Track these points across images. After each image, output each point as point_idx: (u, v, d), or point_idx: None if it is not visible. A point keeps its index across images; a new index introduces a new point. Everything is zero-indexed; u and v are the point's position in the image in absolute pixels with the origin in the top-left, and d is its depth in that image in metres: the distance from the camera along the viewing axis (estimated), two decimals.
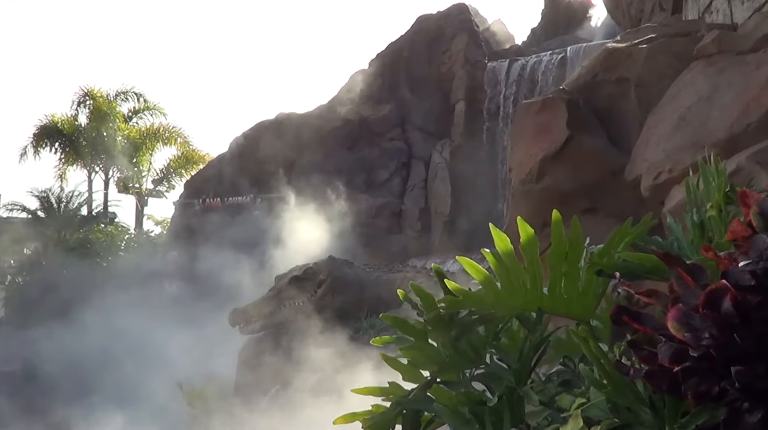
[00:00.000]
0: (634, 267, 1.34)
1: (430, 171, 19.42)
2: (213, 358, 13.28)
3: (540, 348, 1.41)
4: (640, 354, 1.09)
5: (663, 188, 5.84)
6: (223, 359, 12.70)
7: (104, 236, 25.07)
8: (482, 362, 1.43)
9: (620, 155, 7.05)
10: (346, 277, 11.57)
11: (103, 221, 27.54)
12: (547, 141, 7.30)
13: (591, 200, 7.00)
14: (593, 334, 1.28)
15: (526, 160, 7.44)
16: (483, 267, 1.36)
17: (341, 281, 11.45)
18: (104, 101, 28.65)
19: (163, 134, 29.26)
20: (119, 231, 26.49)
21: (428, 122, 20.27)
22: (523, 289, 1.35)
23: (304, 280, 11.51)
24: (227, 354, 12.56)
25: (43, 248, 23.51)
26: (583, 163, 7.08)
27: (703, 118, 5.72)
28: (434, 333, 1.41)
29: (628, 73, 7.13)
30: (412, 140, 20.18)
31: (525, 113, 8.00)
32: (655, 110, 6.61)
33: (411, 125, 20.44)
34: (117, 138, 28.30)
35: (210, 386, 11.37)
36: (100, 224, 26.71)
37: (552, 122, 7.33)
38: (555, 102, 7.45)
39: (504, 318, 1.43)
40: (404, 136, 20.37)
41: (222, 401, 10.84)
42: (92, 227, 26.14)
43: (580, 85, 7.62)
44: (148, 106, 29.67)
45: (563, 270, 1.35)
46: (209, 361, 13.26)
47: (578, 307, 1.36)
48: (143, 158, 29.23)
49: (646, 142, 6.41)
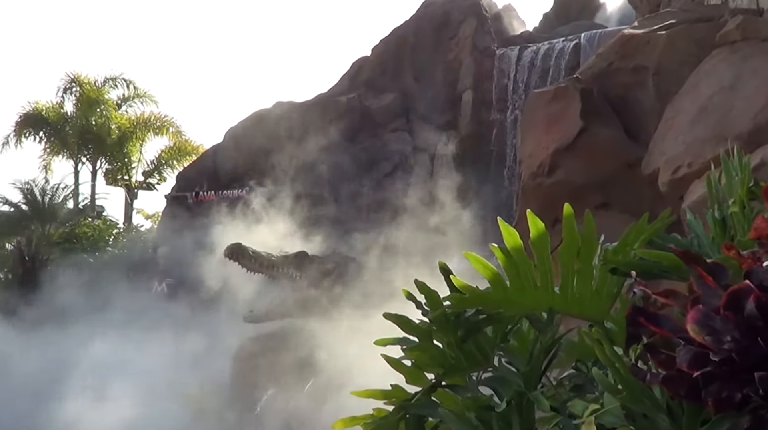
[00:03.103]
0: (651, 266, 1.34)
1: (435, 163, 19.41)
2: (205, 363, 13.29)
3: (551, 350, 1.40)
4: (657, 358, 1.09)
5: (682, 183, 5.83)
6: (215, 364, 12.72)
7: (91, 230, 25.10)
8: (490, 364, 1.43)
9: (636, 148, 7.04)
10: (351, 272, 11.73)
11: (90, 214, 27.58)
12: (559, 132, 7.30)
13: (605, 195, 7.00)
14: (607, 336, 1.28)
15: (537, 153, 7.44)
16: (491, 264, 1.35)
17: (347, 275, 11.62)
18: (92, 88, 28.65)
19: (154, 123, 29.26)
20: (107, 225, 26.53)
21: (434, 112, 20.24)
22: (534, 287, 1.35)
23: (310, 262, 11.72)
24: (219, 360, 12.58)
25: (26, 243, 23.54)
26: (597, 155, 7.08)
27: (726, 109, 5.71)
28: (439, 333, 1.41)
29: (646, 61, 7.12)
30: (417, 131, 20.16)
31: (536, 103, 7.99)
32: (674, 100, 6.59)
33: (415, 115, 20.42)
34: (105, 127, 28.30)
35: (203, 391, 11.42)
36: (87, 218, 26.75)
37: (565, 113, 7.33)
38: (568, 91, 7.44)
39: (513, 318, 1.42)
40: (408, 127, 20.35)
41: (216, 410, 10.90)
42: (79, 221, 26.18)
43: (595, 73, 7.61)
44: (138, 93, 29.68)
45: (576, 268, 1.34)
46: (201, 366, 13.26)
47: (591, 307, 1.36)
48: (133, 149, 29.25)
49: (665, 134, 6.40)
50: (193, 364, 13.54)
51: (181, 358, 14.01)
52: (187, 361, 13.77)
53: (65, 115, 28.75)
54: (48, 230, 25.36)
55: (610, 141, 7.14)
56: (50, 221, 25.99)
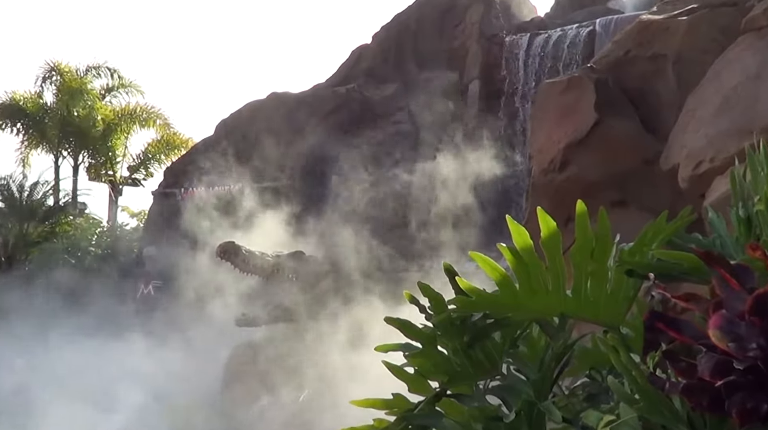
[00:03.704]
0: (671, 267, 1.34)
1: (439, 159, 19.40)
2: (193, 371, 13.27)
3: (563, 358, 1.40)
4: (677, 366, 1.09)
5: (704, 179, 5.83)
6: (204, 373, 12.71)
7: (73, 229, 25.13)
8: (498, 372, 1.43)
9: (655, 142, 7.04)
10: (351, 273, 11.74)
11: (71, 212, 27.60)
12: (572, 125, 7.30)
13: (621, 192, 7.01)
14: (623, 342, 1.28)
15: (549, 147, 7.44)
16: (500, 265, 1.35)
17: (345, 276, 11.63)
18: (73, 77, 28.66)
19: (140, 115, 29.27)
20: (90, 224, 26.55)
21: (438, 104, 20.24)
22: (545, 290, 1.35)
23: (306, 262, 11.73)
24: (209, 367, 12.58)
25: (2, 243, 23.58)
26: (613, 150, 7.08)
27: (751, 100, 5.71)
28: (444, 339, 1.41)
29: (666, 49, 7.12)
30: (421, 124, 20.16)
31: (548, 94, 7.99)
32: (696, 91, 6.59)
33: (419, 107, 20.42)
34: (88, 119, 28.31)
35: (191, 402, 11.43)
36: (69, 216, 26.78)
37: (578, 104, 7.33)
38: (582, 81, 7.44)
39: (523, 323, 1.42)
40: (411, 119, 20.34)
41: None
42: (59, 218, 26.21)
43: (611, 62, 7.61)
44: (123, 83, 29.68)
45: (589, 270, 1.34)
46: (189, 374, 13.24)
47: (606, 311, 1.36)
48: (118, 142, 29.26)
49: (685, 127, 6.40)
50: (181, 372, 13.53)
51: (167, 366, 14.01)
52: (175, 369, 13.76)
53: (44, 106, 28.76)
54: (26, 229, 25.38)
55: (627, 134, 7.15)
56: (28, 219, 25.99)
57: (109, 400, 12.78)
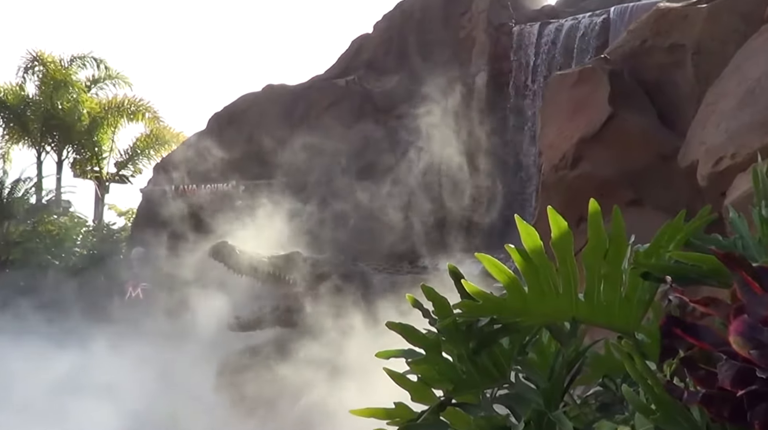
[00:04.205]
0: (689, 270, 1.34)
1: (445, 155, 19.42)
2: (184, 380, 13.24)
3: (575, 365, 1.40)
4: (695, 374, 1.09)
5: (724, 176, 5.83)
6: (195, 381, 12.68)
7: (57, 228, 25.15)
8: (506, 380, 1.43)
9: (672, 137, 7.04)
10: (352, 275, 11.73)
11: (55, 210, 27.63)
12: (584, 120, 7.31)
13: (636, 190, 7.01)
14: (639, 349, 1.28)
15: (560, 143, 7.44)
16: (508, 267, 1.35)
17: (347, 279, 11.62)
18: (57, 68, 28.69)
19: (128, 108, 29.30)
20: (75, 223, 26.58)
21: (443, 97, 20.24)
22: (555, 294, 1.35)
23: (304, 263, 11.73)
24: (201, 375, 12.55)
25: None
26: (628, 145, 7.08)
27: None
28: (449, 345, 1.41)
29: (684, 39, 7.11)
30: (424, 118, 20.16)
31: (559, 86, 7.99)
32: (717, 83, 6.59)
33: (423, 100, 20.42)
34: (73, 112, 28.33)
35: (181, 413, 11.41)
36: (52, 215, 26.79)
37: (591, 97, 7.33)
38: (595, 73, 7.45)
39: (532, 328, 1.42)
40: (414, 113, 20.35)
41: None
42: (42, 217, 26.22)
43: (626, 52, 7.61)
44: (110, 74, 29.71)
45: (603, 272, 1.34)
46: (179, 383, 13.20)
47: (620, 316, 1.36)
48: (104, 136, 29.29)
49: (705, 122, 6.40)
50: (171, 381, 13.53)
51: (156, 374, 14.01)
52: (164, 377, 13.76)
53: (26, 98, 28.80)
54: (7, 228, 25.42)
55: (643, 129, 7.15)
56: (9, 218, 26.03)
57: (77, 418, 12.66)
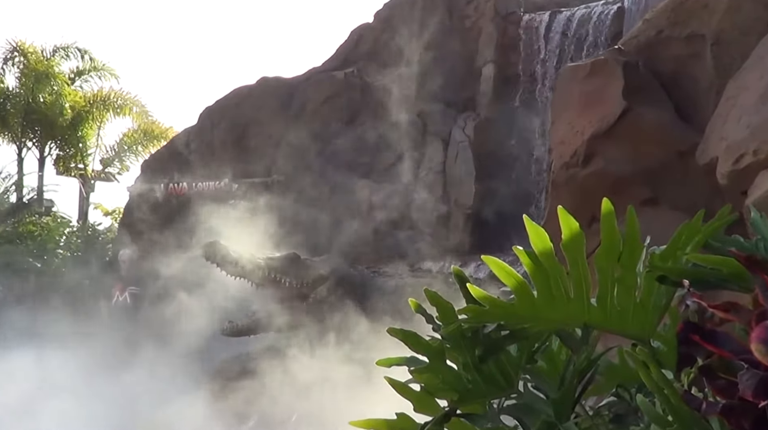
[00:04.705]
0: (708, 273, 1.34)
1: (449, 152, 19.39)
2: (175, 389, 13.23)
3: (586, 374, 1.40)
4: (714, 384, 1.09)
5: (746, 174, 5.82)
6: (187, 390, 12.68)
7: (38, 229, 25.16)
8: (514, 390, 1.43)
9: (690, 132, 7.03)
10: (351, 279, 11.73)
11: (37, 210, 27.63)
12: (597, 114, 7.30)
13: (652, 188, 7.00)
14: (654, 357, 1.28)
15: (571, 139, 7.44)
16: (516, 271, 1.35)
17: (346, 283, 11.63)
18: (39, 59, 28.70)
19: (114, 102, 29.29)
20: (58, 223, 26.60)
21: (448, 90, 20.22)
22: (566, 298, 1.35)
23: (301, 266, 11.73)
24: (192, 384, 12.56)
25: None
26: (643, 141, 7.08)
27: None
28: (454, 352, 1.41)
29: (703, 28, 7.10)
30: (427, 113, 20.15)
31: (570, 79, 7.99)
32: (738, 75, 6.58)
33: (426, 94, 20.41)
34: (55, 105, 28.33)
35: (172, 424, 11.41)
36: (34, 214, 26.80)
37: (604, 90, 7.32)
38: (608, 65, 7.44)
39: (541, 335, 1.42)
40: (417, 108, 20.34)
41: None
42: (23, 217, 26.24)
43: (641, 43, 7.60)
44: (96, 66, 29.71)
45: (616, 276, 1.34)
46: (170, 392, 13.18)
47: (635, 322, 1.36)
48: (89, 132, 29.29)
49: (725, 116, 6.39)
50: (161, 390, 13.54)
51: (146, 383, 14.02)
52: (154, 386, 13.77)
53: (6, 91, 28.79)
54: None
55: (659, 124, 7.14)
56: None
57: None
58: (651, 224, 1.48)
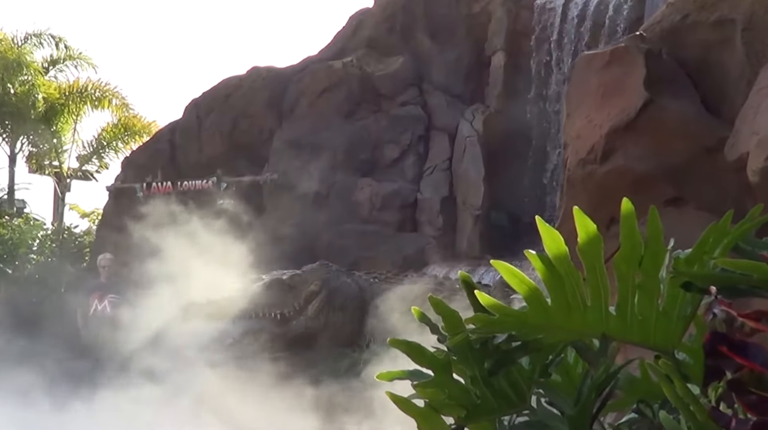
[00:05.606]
0: (737, 279, 1.34)
1: (456, 147, 19.39)
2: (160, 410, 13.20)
3: (605, 388, 1.40)
4: (744, 399, 1.09)
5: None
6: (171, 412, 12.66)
7: (9, 231, 25.15)
8: (526, 405, 1.43)
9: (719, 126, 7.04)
10: (346, 289, 11.70)
11: (7, 211, 27.65)
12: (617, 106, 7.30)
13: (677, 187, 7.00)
14: (679, 370, 1.28)
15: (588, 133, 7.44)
16: (528, 276, 1.36)
17: (340, 294, 11.59)
18: (9, 46, 28.70)
19: (92, 93, 29.27)
20: (30, 226, 26.57)
21: (454, 81, 20.25)
22: (582, 307, 1.35)
23: (290, 288, 11.69)
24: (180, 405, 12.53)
25: None
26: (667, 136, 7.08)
27: None
28: (461, 365, 1.41)
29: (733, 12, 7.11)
30: (433, 105, 20.16)
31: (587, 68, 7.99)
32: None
33: (431, 85, 20.42)
34: (27, 97, 28.33)
35: None
36: (4, 216, 26.81)
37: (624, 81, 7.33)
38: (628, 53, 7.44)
39: (556, 346, 1.43)
40: (422, 100, 20.34)
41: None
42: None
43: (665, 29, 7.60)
44: (71, 54, 29.70)
45: (637, 282, 1.35)
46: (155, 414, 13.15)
47: (658, 333, 1.36)
48: (65, 126, 29.27)
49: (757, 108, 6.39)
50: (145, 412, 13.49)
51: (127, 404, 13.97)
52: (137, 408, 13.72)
53: None
54: None
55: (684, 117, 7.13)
56: None
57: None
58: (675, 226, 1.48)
